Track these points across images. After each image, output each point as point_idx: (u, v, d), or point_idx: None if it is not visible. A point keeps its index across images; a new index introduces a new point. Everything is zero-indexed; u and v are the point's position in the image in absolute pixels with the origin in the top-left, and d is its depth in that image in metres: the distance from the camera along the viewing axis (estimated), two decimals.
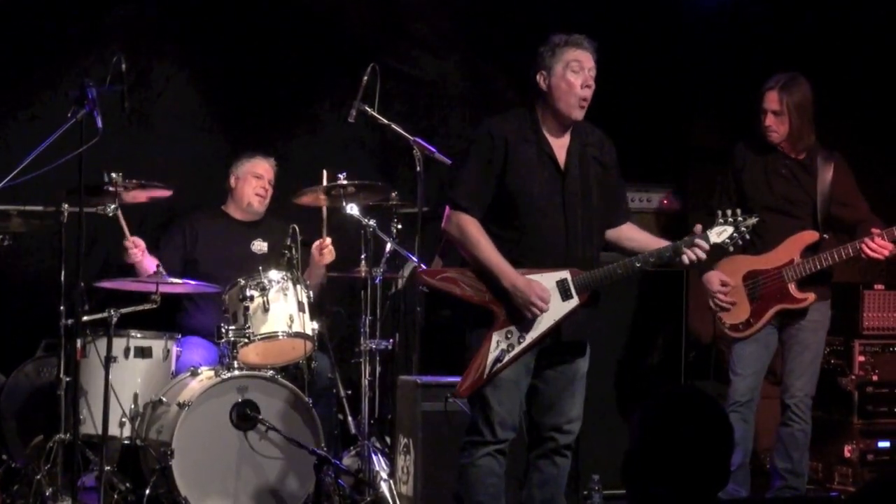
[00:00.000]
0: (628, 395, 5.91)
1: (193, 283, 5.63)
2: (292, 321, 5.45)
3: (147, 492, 5.13)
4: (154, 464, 5.18)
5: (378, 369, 5.91)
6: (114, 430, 5.29)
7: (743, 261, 5.40)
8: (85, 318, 5.12)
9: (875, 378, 6.25)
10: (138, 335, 5.46)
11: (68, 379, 5.13)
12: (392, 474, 5.44)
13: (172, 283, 5.51)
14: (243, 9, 6.68)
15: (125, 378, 5.38)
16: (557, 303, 4.32)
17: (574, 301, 4.34)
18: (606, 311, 4.62)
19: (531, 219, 4.33)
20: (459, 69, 7.15)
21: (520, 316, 4.29)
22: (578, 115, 4.38)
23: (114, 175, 5.29)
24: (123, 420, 5.36)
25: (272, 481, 5.26)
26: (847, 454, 6.22)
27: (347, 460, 5.75)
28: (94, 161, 4.82)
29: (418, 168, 5.42)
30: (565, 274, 4.33)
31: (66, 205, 5.22)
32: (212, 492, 5.18)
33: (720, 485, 2.63)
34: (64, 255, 5.17)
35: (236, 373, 5.29)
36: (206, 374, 5.38)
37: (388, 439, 5.86)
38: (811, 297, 5.38)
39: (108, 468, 5.17)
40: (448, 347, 5.64)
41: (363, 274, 5.88)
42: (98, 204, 5.36)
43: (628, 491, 2.65)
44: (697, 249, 4.38)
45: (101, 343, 5.25)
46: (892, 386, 6.27)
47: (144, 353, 5.46)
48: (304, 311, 5.49)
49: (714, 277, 5.22)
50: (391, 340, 5.98)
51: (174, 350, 5.55)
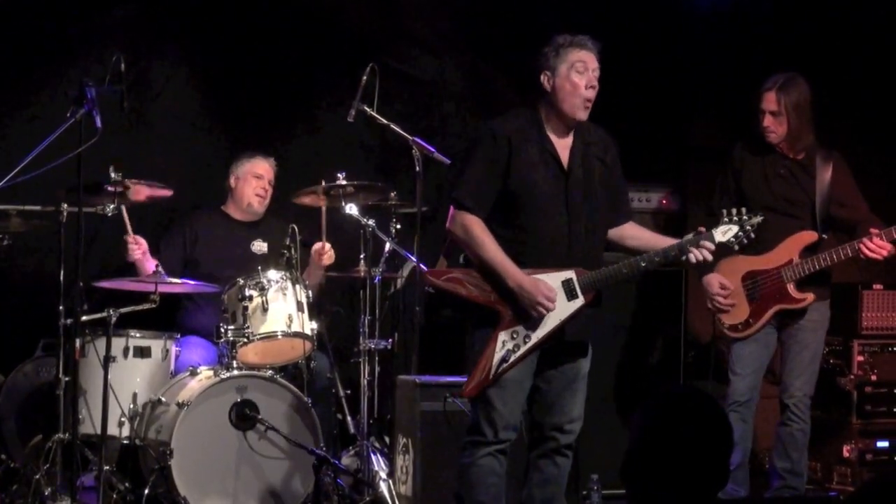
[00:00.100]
0: (628, 395, 5.90)
1: (192, 283, 5.63)
2: (291, 321, 5.44)
3: (146, 491, 5.13)
4: (153, 463, 5.18)
5: (377, 369, 5.91)
6: (113, 429, 5.29)
7: (742, 261, 5.39)
8: (84, 318, 5.11)
9: (874, 378, 6.25)
10: (137, 335, 5.46)
11: (67, 379, 5.14)
12: (391, 474, 5.43)
13: (171, 283, 5.51)
14: (243, 9, 6.67)
15: (124, 378, 5.38)
16: (563, 302, 4.31)
17: (579, 301, 4.33)
18: (606, 311, 4.61)
19: (534, 219, 4.32)
20: (459, 69, 7.15)
21: (525, 316, 4.28)
22: (583, 115, 4.37)
23: (116, 173, 5.29)
24: (122, 420, 5.36)
25: (271, 481, 5.26)
26: (846, 454, 6.22)
27: (346, 460, 5.75)
28: (93, 161, 4.82)
29: (417, 168, 5.41)
30: (570, 274, 4.32)
31: (66, 204, 5.23)
32: (211, 491, 5.18)
33: (720, 485, 2.62)
34: (63, 255, 5.17)
35: (235, 373, 5.29)
36: (205, 373, 5.38)
37: (387, 439, 5.86)
38: (810, 297, 5.37)
39: (107, 468, 5.17)
40: (447, 347, 5.66)
41: (362, 274, 5.88)
42: (97, 203, 5.35)
43: (628, 491, 2.65)
44: (703, 249, 4.38)
45: (100, 343, 5.25)
46: (891, 386, 6.27)
47: (143, 352, 5.46)
48: (303, 311, 5.48)
49: (714, 280, 5.23)
50: (390, 340, 5.98)
51: (173, 350, 5.55)
